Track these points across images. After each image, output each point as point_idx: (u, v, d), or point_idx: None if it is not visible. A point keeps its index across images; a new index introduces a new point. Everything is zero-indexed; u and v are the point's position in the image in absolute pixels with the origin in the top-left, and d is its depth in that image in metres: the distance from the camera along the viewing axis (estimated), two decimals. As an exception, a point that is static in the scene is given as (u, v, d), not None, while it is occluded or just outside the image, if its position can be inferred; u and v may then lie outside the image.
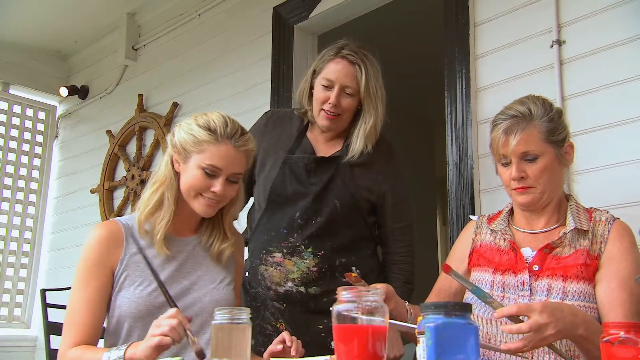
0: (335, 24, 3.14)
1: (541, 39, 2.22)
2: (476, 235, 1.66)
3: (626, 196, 1.93)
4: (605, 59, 2.06)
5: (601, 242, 1.47)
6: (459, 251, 1.69)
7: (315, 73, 1.94)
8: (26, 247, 4.55)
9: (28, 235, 4.56)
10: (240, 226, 2.10)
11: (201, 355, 1.28)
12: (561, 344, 1.36)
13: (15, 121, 4.59)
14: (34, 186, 4.63)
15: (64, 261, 4.33)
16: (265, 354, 1.48)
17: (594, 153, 2.02)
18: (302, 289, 1.86)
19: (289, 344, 1.45)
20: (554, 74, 2.16)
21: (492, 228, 1.62)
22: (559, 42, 2.16)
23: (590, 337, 1.25)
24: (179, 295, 1.56)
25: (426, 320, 0.94)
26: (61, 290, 2.42)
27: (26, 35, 4.45)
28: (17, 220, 4.52)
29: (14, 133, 4.57)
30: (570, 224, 1.49)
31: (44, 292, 2.41)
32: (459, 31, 2.46)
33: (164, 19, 3.99)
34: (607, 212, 1.53)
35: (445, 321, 0.93)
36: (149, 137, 3.96)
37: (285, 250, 1.88)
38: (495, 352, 1.45)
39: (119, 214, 3.96)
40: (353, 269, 1.46)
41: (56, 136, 4.79)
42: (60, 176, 4.69)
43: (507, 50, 2.32)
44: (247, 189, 2.06)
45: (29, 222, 4.58)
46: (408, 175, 2.09)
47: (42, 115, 4.75)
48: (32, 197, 4.61)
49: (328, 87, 1.88)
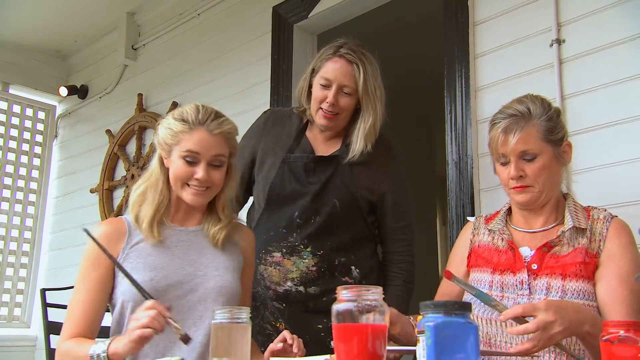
0: (335, 24, 3.14)
1: (541, 38, 2.22)
2: (474, 236, 1.66)
3: (626, 195, 1.93)
4: (605, 58, 2.06)
5: (600, 240, 1.47)
6: (459, 253, 1.69)
7: (314, 72, 1.94)
8: (26, 247, 4.54)
9: (28, 235, 4.56)
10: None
11: (186, 339, 1.32)
12: (566, 343, 1.36)
13: (15, 121, 4.58)
14: (33, 186, 4.63)
15: (63, 261, 4.32)
16: (266, 352, 1.48)
17: (593, 152, 2.02)
18: (301, 288, 1.86)
19: (289, 342, 1.45)
20: (553, 73, 2.16)
21: (489, 228, 1.62)
22: (559, 41, 2.16)
23: (596, 334, 1.24)
24: (182, 281, 1.58)
25: (426, 320, 0.94)
26: (61, 290, 2.42)
27: (26, 35, 4.44)
28: (16, 220, 4.51)
29: (14, 133, 4.56)
30: (568, 222, 1.49)
31: (43, 291, 2.41)
32: (458, 30, 2.46)
33: (163, 19, 3.99)
34: (605, 210, 1.53)
35: (445, 320, 0.93)
36: (149, 137, 3.95)
37: (284, 250, 1.88)
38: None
39: (118, 213, 3.96)
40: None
41: (56, 136, 4.79)
42: (60, 176, 4.69)
43: (507, 50, 2.32)
44: (247, 189, 2.06)
45: (29, 222, 4.58)
46: (408, 174, 2.09)
47: (41, 115, 4.75)
48: (32, 197, 4.61)
49: (326, 86, 1.88)
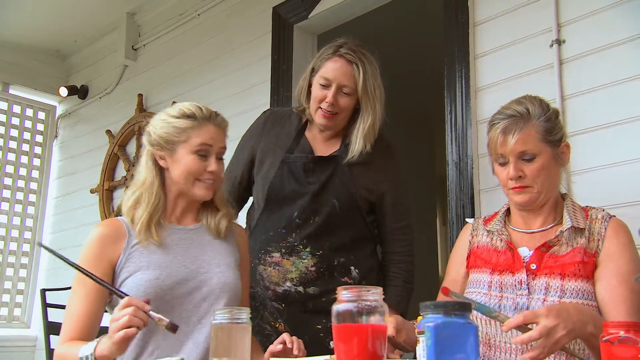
0: (335, 24, 3.14)
1: (541, 38, 2.22)
2: (473, 237, 1.66)
3: (625, 196, 1.93)
4: (605, 59, 2.06)
5: (598, 240, 1.47)
6: (458, 255, 1.69)
7: (313, 71, 1.94)
8: (26, 247, 4.54)
9: (28, 235, 4.56)
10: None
11: (173, 328, 1.31)
12: (571, 346, 1.35)
13: (15, 121, 4.59)
14: (33, 186, 4.63)
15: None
16: (266, 353, 1.49)
17: (593, 152, 2.02)
18: (300, 288, 1.86)
19: (289, 345, 1.44)
20: (553, 74, 2.16)
21: (488, 229, 1.62)
22: (559, 42, 2.16)
23: (599, 334, 1.24)
24: (187, 279, 1.58)
25: (426, 320, 0.94)
26: (61, 290, 2.41)
27: (26, 35, 4.44)
28: (17, 220, 4.51)
29: (14, 133, 4.57)
30: (567, 222, 1.49)
31: (43, 292, 2.41)
32: (458, 31, 2.46)
33: (163, 19, 3.99)
34: (603, 210, 1.54)
35: (445, 321, 0.93)
36: (149, 137, 3.95)
37: (283, 250, 1.88)
38: (495, 352, 1.45)
39: (118, 214, 3.95)
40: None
41: (56, 136, 4.79)
42: (60, 176, 4.69)
43: (507, 50, 2.32)
44: (247, 189, 2.06)
45: (29, 222, 4.58)
46: (408, 174, 2.09)
47: (41, 115, 4.75)
48: (32, 197, 4.61)
49: (325, 86, 1.88)
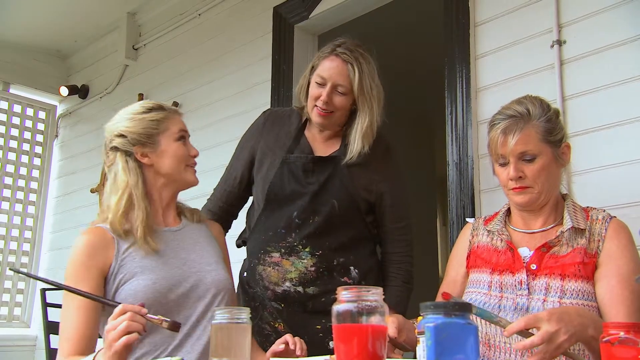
0: (336, 24, 3.14)
1: (541, 39, 2.22)
2: (473, 237, 1.66)
3: (626, 196, 1.93)
4: (606, 59, 2.05)
5: (599, 241, 1.47)
6: (458, 255, 1.69)
7: (313, 69, 1.95)
8: (26, 247, 4.55)
9: (28, 234, 4.56)
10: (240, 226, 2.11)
11: (175, 326, 1.29)
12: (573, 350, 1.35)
13: (16, 121, 4.59)
14: (34, 185, 4.63)
15: (63, 261, 4.29)
16: (267, 353, 1.49)
17: (594, 153, 2.02)
18: (300, 288, 1.86)
19: (292, 347, 1.45)
20: (554, 74, 2.16)
21: (488, 229, 1.62)
22: (560, 42, 2.16)
23: (599, 337, 1.24)
24: (182, 280, 1.58)
25: (426, 320, 0.94)
26: (61, 289, 2.41)
27: (26, 35, 4.44)
28: (17, 220, 4.52)
29: (14, 132, 4.57)
30: (567, 222, 1.49)
31: (43, 291, 2.40)
32: (459, 31, 2.46)
33: (164, 19, 3.99)
34: (604, 211, 1.53)
35: (445, 321, 0.93)
36: (149, 137, 3.95)
37: (283, 250, 1.88)
38: (495, 352, 1.45)
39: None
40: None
41: (56, 136, 4.79)
42: (60, 175, 4.69)
43: (508, 51, 2.32)
44: (246, 188, 2.06)
45: (29, 222, 4.58)
46: (407, 175, 2.09)
47: (42, 115, 4.75)
48: (32, 197, 4.61)
49: (321, 85, 1.88)
